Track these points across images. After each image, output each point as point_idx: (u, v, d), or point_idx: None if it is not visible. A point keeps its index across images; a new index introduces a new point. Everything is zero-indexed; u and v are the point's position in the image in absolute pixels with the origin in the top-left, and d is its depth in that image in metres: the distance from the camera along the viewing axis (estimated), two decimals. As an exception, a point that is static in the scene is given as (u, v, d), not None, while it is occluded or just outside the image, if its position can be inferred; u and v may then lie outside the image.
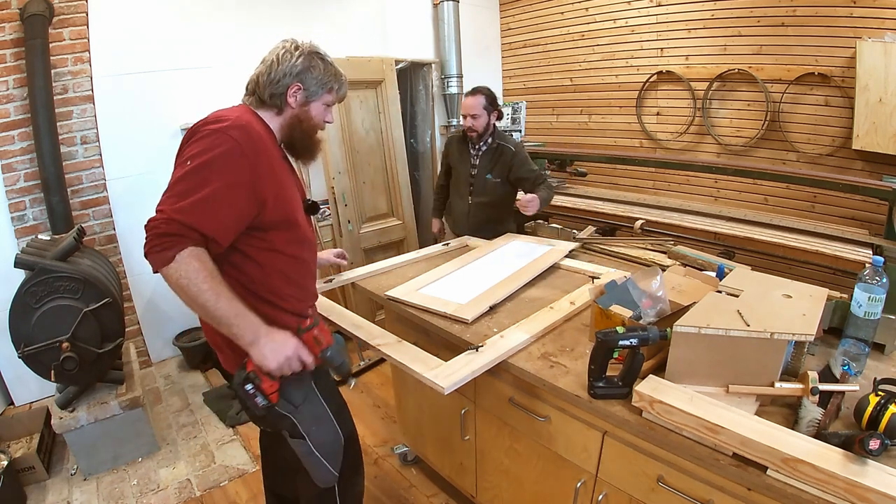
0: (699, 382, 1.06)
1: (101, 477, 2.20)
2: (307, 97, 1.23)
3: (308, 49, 1.23)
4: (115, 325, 2.13)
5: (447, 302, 1.56)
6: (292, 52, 1.20)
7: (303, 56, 1.20)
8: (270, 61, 1.21)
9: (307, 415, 1.26)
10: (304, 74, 1.20)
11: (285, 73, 1.19)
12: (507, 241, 2.13)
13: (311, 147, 1.31)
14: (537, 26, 4.17)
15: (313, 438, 1.27)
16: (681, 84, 3.41)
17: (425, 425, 1.90)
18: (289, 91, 1.20)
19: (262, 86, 1.21)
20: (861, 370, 1.15)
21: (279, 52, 1.21)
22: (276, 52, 1.22)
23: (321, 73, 1.23)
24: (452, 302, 1.56)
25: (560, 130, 4.26)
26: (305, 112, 1.25)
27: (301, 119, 1.25)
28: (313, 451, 1.28)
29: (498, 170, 2.43)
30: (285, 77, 1.19)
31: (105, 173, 2.83)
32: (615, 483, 1.17)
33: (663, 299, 1.28)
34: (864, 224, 2.58)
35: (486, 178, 2.46)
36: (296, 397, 1.23)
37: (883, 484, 0.77)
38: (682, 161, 3.05)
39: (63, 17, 2.58)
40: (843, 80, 2.72)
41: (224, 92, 3.10)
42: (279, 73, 1.19)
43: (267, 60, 1.22)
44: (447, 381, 1.17)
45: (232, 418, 2.53)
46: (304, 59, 1.20)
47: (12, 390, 2.69)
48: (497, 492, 1.61)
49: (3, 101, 2.47)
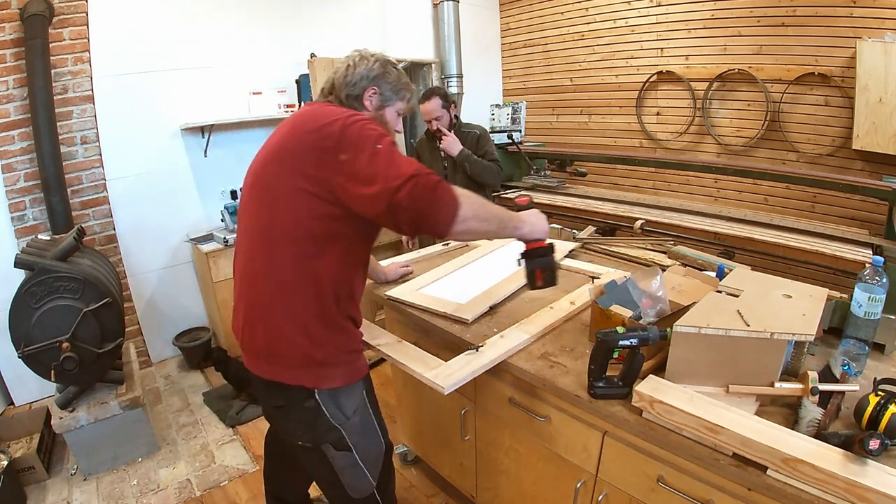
0: (699, 382, 1.06)
1: (101, 477, 2.20)
2: (382, 102, 1.25)
3: (381, 57, 1.26)
4: (115, 325, 2.13)
5: (447, 302, 1.56)
6: (368, 59, 1.23)
7: (378, 62, 1.23)
8: (347, 65, 1.23)
9: (357, 426, 1.24)
10: (380, 80, 1.23)
11: (363, 76, 1.21)
12: (507, 242, 2.13)
13: None
14: (537, 26, 4.17)
15: (360, 450, 1.25)
16: (681, 84, 3.41)
17: (425, 425, 1.90)
18: (365, 94, 1.22)
19: (339, 87, 1.23)
20: (861, 370, 1.15)
21: (355, 58, 1.24)
22: (352, 58, 1.24)
23: (395, 80, 1.26)
24: (452, 302, 1.56)
25: (560, 130, 4.26)
26: (381, 116, 1.26)
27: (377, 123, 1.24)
28: (358, 463, 1.26)
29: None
30: (362, 80, 1.21)
31: (105, 173, 2.83)
32: (615, 483, 1.17)
33: (663, 299, 1.28)
34: (864, 224, 2.57)
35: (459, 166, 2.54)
36: (348, 408, 1.21)
37: (883, 484, 0.77)
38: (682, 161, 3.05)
39: (63, 17, 2.58)
40: (843, 80, 2.72)
41: (224, 92, 3.14)
42: (356, 76, 1.21)
43: (342, 66, 1.25)
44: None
45: (232, 418, 2.54)
46: (379, 64, 1.23)
47: (12, 390, 2.69)
48: (497, 492, 1.61)
49: (3, 101, 2.47)
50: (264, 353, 1.16)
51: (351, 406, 1.22)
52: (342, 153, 1.03)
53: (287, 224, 1.09)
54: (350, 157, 1.02)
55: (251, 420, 2.53)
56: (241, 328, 1.19)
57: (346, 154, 1.03)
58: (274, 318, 1.13)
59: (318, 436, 1.21)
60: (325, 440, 1.21)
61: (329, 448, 1.23)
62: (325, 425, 1.18)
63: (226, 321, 2.92)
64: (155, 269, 3.12)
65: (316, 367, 1.14)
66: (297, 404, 1.17)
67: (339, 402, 1.19)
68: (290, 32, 3.34)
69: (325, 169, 1.04)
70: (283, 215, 1.09)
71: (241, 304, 1.19)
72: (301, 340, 1.12)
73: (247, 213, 1.19)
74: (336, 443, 1.22)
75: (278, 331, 1.13)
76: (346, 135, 1.04)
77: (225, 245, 2.86)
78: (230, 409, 2.60)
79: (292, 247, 1.09)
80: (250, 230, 1.17)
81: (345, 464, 1.25)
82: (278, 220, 1.09)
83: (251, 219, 1.17)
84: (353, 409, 1.22)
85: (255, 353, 1.18)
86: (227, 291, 2.87)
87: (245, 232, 1.19)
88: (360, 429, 1.25)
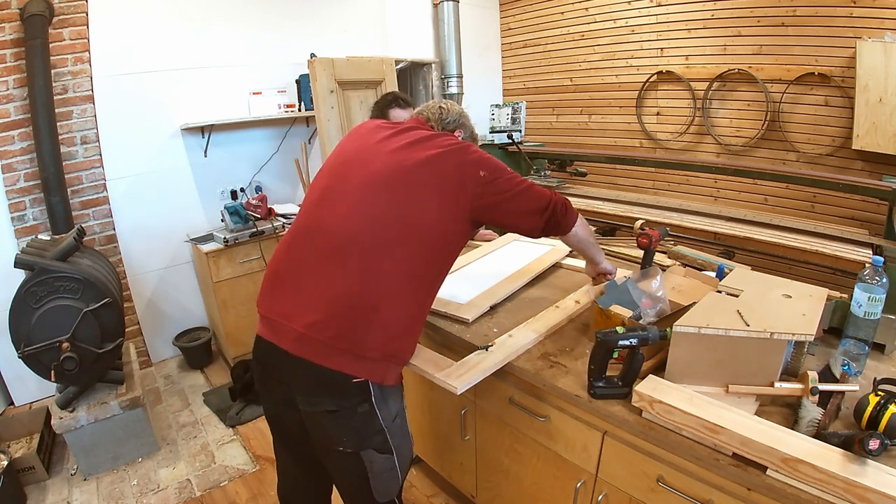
0: (699, 382, 1.06)
1: (101, 477, 2.20)
2: (461, 139, 1.43)
3: (460, 108, 1.51)
4: (115, 325, 2.13)
5: (447, 301, 1.56)
6: (456, 107, 1.49)
7: (461, 114, 1.49)
8: (439, 106, 1.46)
9: (398, 428, 1.24)
10: (464, 125, 1.48)
11: (454, 119, 1.45)
12: (507, 242, 2.13)
13: None
14: (537, 26, 4.17)
15: (399, 452, 1.25)
16: (681, 84, 3.41)
17: (425, 425, 1.90)
18: (455, 132, 1.45)
19: (436, 121, 1.44)
20: (861, 370, 1.15)
21: (444, 104, 1.48)
22: (440, 104, 1.48)
23: (471, 129, 1.52)
24: (453, 301, 1.56)
25: (560, 130, 4.26)
26: None
27: None
28: (395, 465, 1.25)
29: None
30: (454, 122, 1.45)
31: (105, 173, 2.83)
32: (615, 483, 1.17)
33: (663, 299, 1.28)
34: (864, 224, 2.57)
35: None
36: (394, 408, 1.22)
37: (883, 484, 0.77)
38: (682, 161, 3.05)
39: (63, 17, 2.58)
40: (843, 80, 2.72)
41: (224, 92, 3.15)
42: (451, 116, 1.45)
43: (433, 106, 1.47)
44: (459, 381, 1.17)
45: (232, 418, 2.54)
46: (462, 115, 1.49)
47: (12, 390, 2.69)
48: (497, 492, 1.61)
49: (3, 101, 2.47)
50: (341, 341, 1.09)
51: (396, 407, 1.24)
52: (482, 171, 1.22)
53: (433, 225, 1.18)
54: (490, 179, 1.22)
55: (251, 420, 2.53)
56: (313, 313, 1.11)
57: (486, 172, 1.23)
58: (380, 307, 1.11)
59: (363, 439, 1.19)
60: (369, 444, 1.20)
61: (370, 452, 1.20)
62: (374, 428, 1.18)
63: (226, 321, 2.92)
64: (155, 269, 3.12)
65: (387, 362, 1.16)
66: (352, 409, 1.14)
67: (388, 402, 1.19)
68: (290, 32, 3.34)
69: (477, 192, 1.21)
70: (428, 216, 1.17)
71: (318, 289, 1.12)
72: (396, 330, 1.14)
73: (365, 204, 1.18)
74: (379, 446, 1.21)
75: (375, 320, 1.10)
76: (484, 161, 1.25)
77: (225, 245, 2.86)
78: (230, 409, 2.60)
79: (431, 246, 1.18)
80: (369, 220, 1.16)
81: (383, 467, 1.23)
82: (423, 220, 1.17)
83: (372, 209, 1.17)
84: (396, 410, 1.24)
85: (326, 341, 1.09)
86: (228, 291, 2.88)
87: (356, 219, 1.16)
88: (399, 431, 1.25)
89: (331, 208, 1.21)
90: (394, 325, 1.14)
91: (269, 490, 2.09)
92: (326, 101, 2.86)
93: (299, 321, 1.11)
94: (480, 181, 1.20)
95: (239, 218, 2.96)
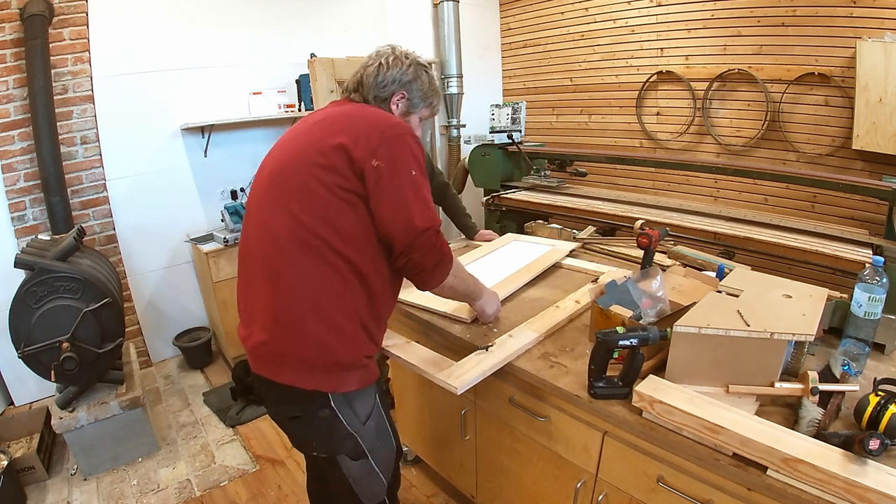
0: (699, 382, 1.06)
1: (101, 477, 2.20)
2: (408, 108, 1.22)
3: (416, 60, 1.21)
4: (115, 325, 2.13)
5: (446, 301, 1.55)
6: (403, 60, 1.19)
7: (412, 66, 1.19)
8: (378, 63, 1.18)
9: (372, 431, 1.21)
10: (411, 84, 1.19)
11: (394, 79, 1.18)
12: (508, 242, 2.13)
13: None
14: (537, 26, 4.17)
15: (375, 455, 1.22)
16: (681, 84, 3.41)
17: (425, 425, 1.90)
18: (393, 98, 1.19)
19: (367, 87, 1.19)
20: (861, 370, 1.15)
21: (388, 56, 1.19)
22: (384, 56, 1.19)
23: (426, 85, 1.22)
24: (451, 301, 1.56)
25: (560, 130, 4.26)
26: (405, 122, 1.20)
27: None
28: (374, 469, 1.23)
29: None
30: (393, 83, 1.18)
31: (105, 173, 2.84)
32: (615, 483, 1.17)
33: (663, 299, 1.28)
34: (864, 224, 2.57)
35: None
36: (362, 413, 1.18)
37: (883, 484, 0.77)
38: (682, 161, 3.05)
39: (63, 17, 2.58)
40: (843, 80, 2.72)
41: (224, 92, 3.14)
42: (388, 78, 1.17)
43: (372, 63, 1.19)
44: (459, 381, 1.17)
45: (232, 418, 2.54)
46: (413, 69, 1.19)
47: (12, 390, 2.69)
48: (497, 492, 1.61)
49: (3, 101, 2.47)
50: (285, 358, 1.09)
51: (365, 410, 1.19)
52: (377, 159, 1.03)
53: (326, 224, 1.05)
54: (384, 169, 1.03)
55: (251, 420, 2.53)
56: (260, 333, 1.11)
57: (380, 162, 1.03)
58: (305, 319, 1.06)
59: (333, 445, 1.18)
60: (340, 449, 1.18)
61: (344, 459, 1.19)
62: (341, 433, 1.15)
63: (226, 321, 2.92)
64: (155, 269, 3.12)
65: (338, 370, 1.10)
66: (312, 414, 1.13)
67: (354, 407, 1.16)
68: (290, 32, 3.34)
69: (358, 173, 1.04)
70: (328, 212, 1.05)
71: (258, 308, 1.12)
72: (331, 340, 1.07)
73: (266, 215, 1.11)
74: (351, 452, 1.19)
75: (308, 333, 1.07)
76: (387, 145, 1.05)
77: (225, 245, 2.86)
78: (230, 409, 2.60)
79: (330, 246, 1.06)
80: (273, 232, 1.08)
81: (360, 472, 1.22)
82: (327, 217, 1.05)
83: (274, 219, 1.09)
84: (367, 413, 1.19)
85: (272, 358, 1.11)
86: (228, 291, 2.88)
87: (265, 233, 1.10)
88: (375, 433, 1.22)
89: (250, 220, 1.17)
90: (326, 336, 1.07)
91: (268, 490, 2.09)
92: (326, 101, 2.86)
93: (251, 342, 1.14)
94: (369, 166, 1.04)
95: (239, 218, 2.96)
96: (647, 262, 1.47)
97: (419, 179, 1.08)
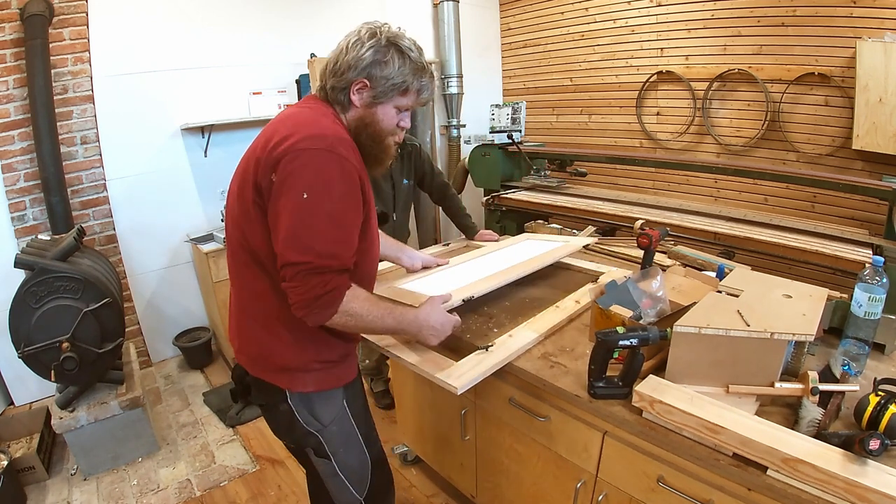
0: (699, 382, 1.06)
1: (101, 477, 2.20)
2: (374, 97, 1.03)
3: (385, 38, 1.01)
4: (115, 325, 2.13)
5: (420, 295, 1.43)
6: (364, 41, 1.00)
7: (375, 47, 1.00)
8: (339, 48, 1.03)
9: (335, 435, 1.19)
10: (373, 69, 1.00)
11: (350, 65, 1.00)
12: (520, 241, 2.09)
13: (380, 155, 1.10)
14: (537, 26, 4.17)
15: (339, 460, 1.21)
16: (681, 84, 3.41)
17: (425, 425, 1.90)
18: (352, 87, 1.02)
19: (325, 76, 1.05)
20: (861, 370, 1.15)
21: (350, 38, 1.02)
22: (349, 38, 1.03)
23: (394, 69, 1.01)
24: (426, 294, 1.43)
25: (560, 130, 4.26)
26: (371, 115, 1.05)
27: (367, 122, 1.06)
28: (338, 473, 1.22)
29: (407, 170, 2.25)
30: (350, 70, 1.01)
31: (105, 173, 2.83)
32: (615, 483, 1.17)
33: (663, 299, 1.28)
34: (864, 224, 2.57)
35: (403, 184, 2.26)
36: (324, 416, 1.16)
37: (883, 484, 0.77)
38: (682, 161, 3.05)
39: (63, 17, 2.58)
40: (843, 80, 2.72)
41: (224, 92, 3.14)
42: (343, 65, 1.01)
43: (339, 47, 1.04)
44: (459, 381, 1.16)
45: (232, 418, 2.53)
46: (374, 50, 1.00)
47: (12, 390, 2.69)
48: (497, 492, 1.61)
49: (3, 101, 2.47)
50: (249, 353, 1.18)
51: (327, 414, 1.16)
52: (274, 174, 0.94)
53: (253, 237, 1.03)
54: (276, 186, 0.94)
55: (251, 420, 2.53)
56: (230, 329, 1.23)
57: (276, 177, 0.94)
58: (252, 324, 1.13)
59: (296, 438, 1.20)
60: (304, 444, 1.19)
61: (311, 452, 1.21)
62: (300, 430, 1.16)
63: (226, 321, 2.90)
64: (155, 269, 3.12)
65: (289, 371, 1.12)
66: (274, 406, 1.16)
67: (312, 408, 1.14)
68: (290, 32, 3.34)
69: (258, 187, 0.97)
70: (248, 227, 1.03)
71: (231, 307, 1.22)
72: (274, 346, 1.11)
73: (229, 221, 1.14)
74: (315, 448, 1.19)
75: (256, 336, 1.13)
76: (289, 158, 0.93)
77: (225, 245, 2.86)
78: (230, 409, 2.60)
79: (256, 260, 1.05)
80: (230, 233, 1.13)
81: (326, 471, 1.23)
82: (247, 231, 1.04)
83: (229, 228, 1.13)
84: (330, 417, 1.17)
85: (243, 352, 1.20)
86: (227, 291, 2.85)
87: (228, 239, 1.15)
88: (339, 439, 1.20)
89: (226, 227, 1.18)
90: (270, 342, 1.10)
91: (268, 490, 2.09)
92: (326, 101, 2.86)
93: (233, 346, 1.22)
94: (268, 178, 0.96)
95: (239, 218, 2.96)
96: (647, 262, 1.47)
97: (314, 204, 0.92)
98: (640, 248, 1.47)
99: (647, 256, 1.47)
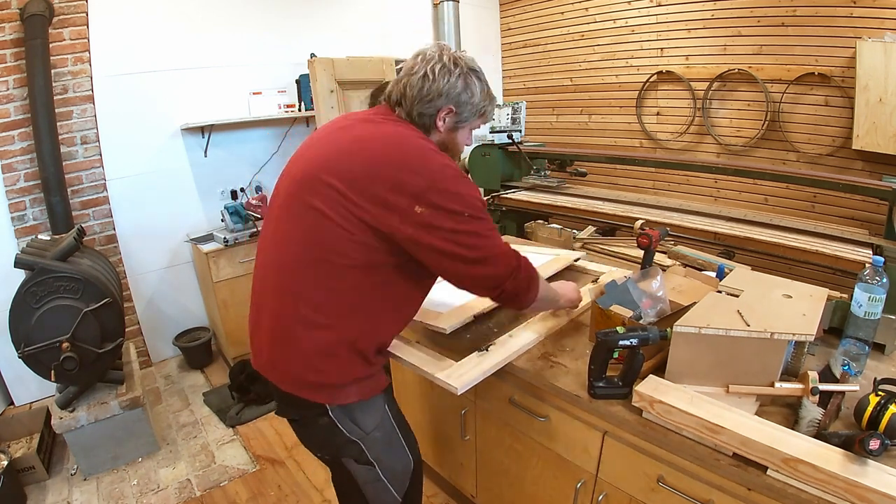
0: (699, 382, 1.06)
1: (101, 477, 2.20)
2: (457, 122, 1.08)
3: (467, 66, 1.05)
4: (115, 325, 2.13)
5: (426, 311, 1.46)
6: (451, 70, 1.02)
7: (462, 76, 1.03)
8: (423, 73, 1.02)
9: (378, 441, 1.16)
10: (461, 97, 1.04)
11: (441, 92, 1.02)
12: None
13: None
14: (537, 26, 4.17)
15: (383, 464, 1.18)
16: (681, 84, 3.41)
17: (425, 425, 1.90)
18: (440, 114, 1.05)
19: (410, 100, 1.04)
20: (861, 370, 1.15)
21: (435, 64, 1.02)
22: (430, 63, 1.03)
23: (478, 96, 1.07)
24: (432, 311, 1.48)
25: (560, 130, 4.26)
26: (452, 138, 1.10)
27: (447, 146, 1.10)
28: (381, 478, 1.19)
29: None
30: (440, 98, 1.03)
31: (105, 173, 2.83)
32: (615, 483, 1.17)
33: (663, 299, 1.28)
34: (864, 224, 2.57)
35: None
36: (367, 423, 1.13)
37: (883, 484, 0.77)
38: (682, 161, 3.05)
39: (63, 17, 2.58)
40: (843, 80, 2.72)
41: (224, 92, 3.14)
42: (433, 92, 1.02)
43: (417, 71, 1.03)
44: (459, 381, 1.17)
45: (232, 418, 2.53)
46: (463, 79, 1.03)
47: (12, 390, 2.69)
48: (497, 492, 1.61)
49: (3, 101, 2.47)
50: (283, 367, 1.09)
51: (370, 421, 1.14)
52: (419, 205, 0.95)
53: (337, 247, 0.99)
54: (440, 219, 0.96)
55: (251, 420, 2.53)
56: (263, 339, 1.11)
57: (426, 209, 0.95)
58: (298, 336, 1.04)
59: (336, 450, 1.16)
60: (344, 454, 1.15)
61: (350, 462, 1.16)
62: (342, 440, 1.12)
63: (226, 321, 2.92)
64: (155, 269, 3.12)
65: (331, 388, 1.07)
66: (312, 420, 1.12)
67: (354, 417, 1.11)
68: (290, 32, 3.34)
69: (395, 216, 0.95)
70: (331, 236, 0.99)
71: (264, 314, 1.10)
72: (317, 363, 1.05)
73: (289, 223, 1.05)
74: (357, 457, 1.15)
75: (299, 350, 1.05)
76: (437, 190, 0.95)
77: (225, 245, 2.86)
78: (230, 409, 2.60)
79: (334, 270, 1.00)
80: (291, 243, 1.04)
81: (367, 479, 1.18)
82: (327, 240, 0.99)
83: (294, 230, 1.04)
84: (373, 424, 1.14)
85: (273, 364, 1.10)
86: (228, 291, 2.88)
87: (283, 244, 1.06)
88: (382, 444, 1.17)
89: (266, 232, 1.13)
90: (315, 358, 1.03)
91: (268, 490, 2.09)
92: (326, 101, 2.86)
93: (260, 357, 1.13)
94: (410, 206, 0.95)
95: (239, 218, 2.96)
96: (647, 262, 1.47)
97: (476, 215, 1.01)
98: (640, 248, 1.47)
99: (647, 256, 1.47)
